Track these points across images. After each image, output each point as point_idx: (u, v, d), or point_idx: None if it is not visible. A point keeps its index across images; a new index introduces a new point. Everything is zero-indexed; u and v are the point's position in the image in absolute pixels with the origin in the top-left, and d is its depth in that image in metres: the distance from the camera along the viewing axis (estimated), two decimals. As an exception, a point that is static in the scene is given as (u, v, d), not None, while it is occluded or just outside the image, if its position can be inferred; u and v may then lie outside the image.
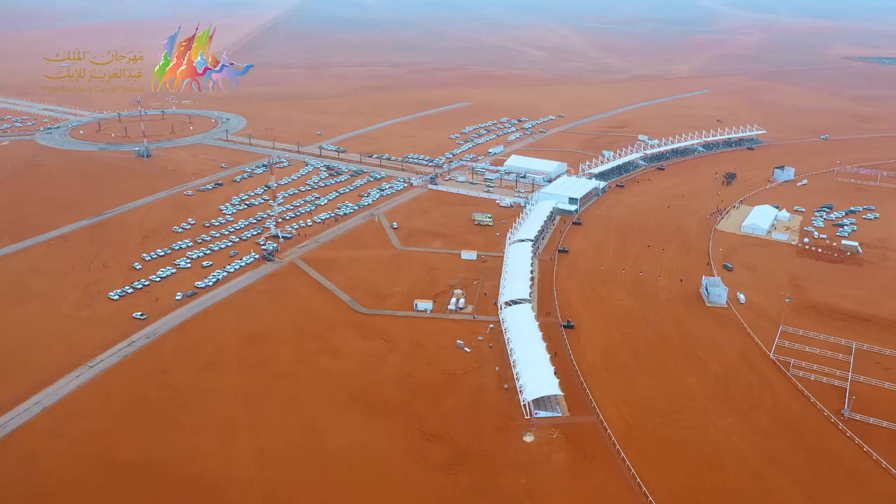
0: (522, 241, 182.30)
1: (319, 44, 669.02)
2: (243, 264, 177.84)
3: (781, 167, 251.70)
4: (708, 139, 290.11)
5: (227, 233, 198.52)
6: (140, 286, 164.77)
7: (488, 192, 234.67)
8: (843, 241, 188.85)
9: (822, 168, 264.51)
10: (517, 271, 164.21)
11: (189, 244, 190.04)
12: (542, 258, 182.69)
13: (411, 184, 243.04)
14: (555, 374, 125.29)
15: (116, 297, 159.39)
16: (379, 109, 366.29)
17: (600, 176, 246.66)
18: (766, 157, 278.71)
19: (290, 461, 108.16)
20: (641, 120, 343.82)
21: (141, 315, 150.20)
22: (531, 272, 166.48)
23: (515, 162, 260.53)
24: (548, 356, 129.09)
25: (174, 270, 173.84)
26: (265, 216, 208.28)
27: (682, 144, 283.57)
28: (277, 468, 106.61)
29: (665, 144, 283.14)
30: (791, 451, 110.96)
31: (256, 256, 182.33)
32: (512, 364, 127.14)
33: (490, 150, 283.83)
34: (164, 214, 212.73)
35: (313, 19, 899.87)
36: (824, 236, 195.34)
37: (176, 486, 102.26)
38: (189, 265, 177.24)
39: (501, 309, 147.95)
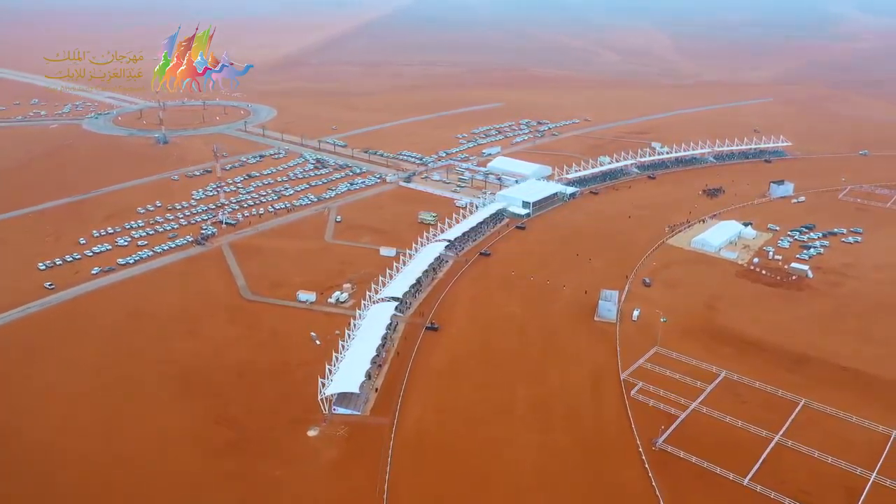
0: (439, 241, 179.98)
1: (399, 42, 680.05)
2: (173, 246, 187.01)
3: (780, 182, 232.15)
4: (720, 149, 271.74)
5: (181, 216, 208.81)
6: (70, 259, 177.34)
7: (455, 191, 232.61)
8: (792, 265, 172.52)
9: (839, 185, 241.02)
10: (411, 270, 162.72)
11: (140, 224, 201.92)
12: (459, 259, 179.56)
13: (384, 180, 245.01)
14: (367, 373, 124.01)
15: (44, 267, 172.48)
16: (408, 107, 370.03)
17: (579, 181, 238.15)
18: (780, 170, 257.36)
19: (93, 433, 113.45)
20: (672, 126, 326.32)
21: (50, 285, 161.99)
22: (425, 273, 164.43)
23: (500, 164, 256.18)
24: (372, 355, 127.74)
25: (109, 247, 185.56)
26: (223, 203, 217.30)
27: (686, 153, 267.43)
28: (81, 438, 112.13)
29: (672, 152, 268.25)
30: (575, 476, 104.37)
31: (190, 239, 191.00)
32: (336, 360, 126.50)
33: (484, 151, 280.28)
34: (141, 196, 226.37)
35: (411, 19, 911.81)
36: (779, 257, 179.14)
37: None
38: (127, 243, 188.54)
39: (366, 306, 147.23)
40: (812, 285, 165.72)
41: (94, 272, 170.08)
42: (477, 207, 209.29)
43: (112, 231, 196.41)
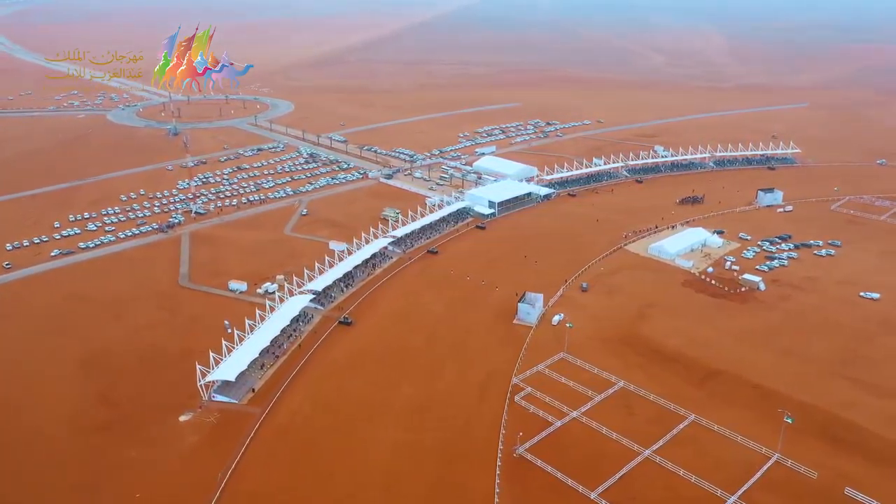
0: (387, 237, 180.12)
1: (446, 42, 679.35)
2: (137, 232, 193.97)
3: (770, 190, 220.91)
4: (721, 154, 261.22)
5: (157, 205, 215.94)
6: (38, 241, 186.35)
7: (431, 189, 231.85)
8: (745, 276, 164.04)
9: (837, 195, 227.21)
10: (344, 265, 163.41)
11: (117, 211, 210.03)
12: (405, 256, 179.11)
13: (367, 176, 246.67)
14: (260, 363, 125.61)
15: (10, 248, 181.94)
16: (425, 105, 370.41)
17: (561, 183, 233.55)
18: (783, 178, 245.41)
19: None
20: (688, 130, 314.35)
21: (7, 265, 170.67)
22: (360, 268, 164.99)
23: (485, 163, 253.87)
24: (264, 346, 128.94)
25: (79, 231, 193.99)
26: (196, 194, 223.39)
27: (684, 158, 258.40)
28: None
29: (669, 156, 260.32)
30: (422, 478, 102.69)
31: (156, 226, 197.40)
32: (225, 348, 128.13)
33: (477, 150, 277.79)
34: (131, 184, 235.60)
35: (467, 19, 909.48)
36: (737, 268, 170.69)
37: None
38: (96, 228, 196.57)
39: (280, 297, 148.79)
40: (760, 298, 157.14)
41: (53, 254, 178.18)
42: (438, 206, 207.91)
43: (88, 216, 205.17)
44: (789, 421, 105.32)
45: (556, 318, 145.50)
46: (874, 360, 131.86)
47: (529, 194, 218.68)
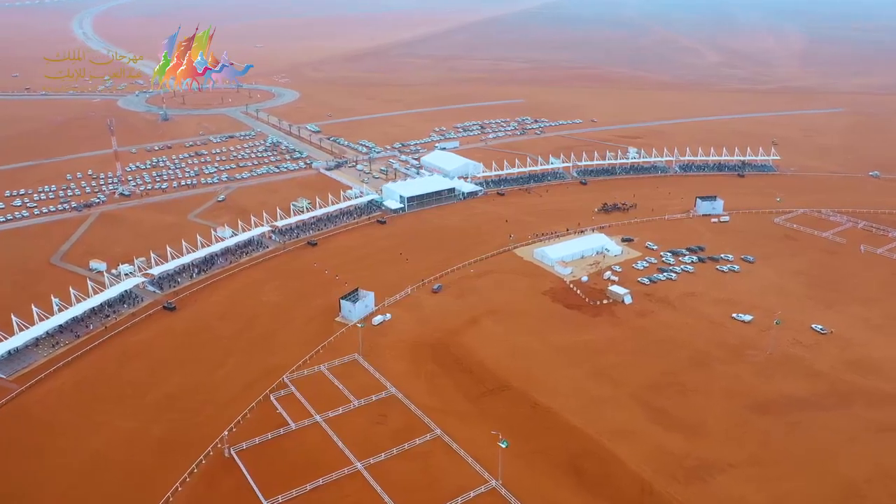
0: (266, 226, 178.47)
1: (501, 39, 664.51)
2: (54, 210, 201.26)
3: (712, 198, 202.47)
4: (687, 159, 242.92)
5: (92, 184, 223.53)
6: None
7: (364, 182, 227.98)
8: (611, 288, 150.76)
9: (794, 207, 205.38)
10: (202, 251, 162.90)
11: (53, 188, 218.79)
12: (280, 247, 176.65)
13: (310, 166, 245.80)
14: (49, 341, 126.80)
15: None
16: (423, 99, 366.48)
17: (496, 181, 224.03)
18: (745, 186, 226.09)
19: None
20: (685, 132, 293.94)
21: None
22: (223, 255, 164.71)
23: (432, 158, 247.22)
24: (56, 325, 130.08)
25: (2, 206, 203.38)
26: (126, 179, 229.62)
27: (646, 161, 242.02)
28: None
29: (633, 159, 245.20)
30: (119, 468, 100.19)
31: (74, 205, 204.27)
32: (19, 326, 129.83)
33: (437, 146, 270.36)
34: (86, 164, 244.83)
35: (544, 16, 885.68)
36: (615, 278, 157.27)
37: None
38: (20, 205, 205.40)
39: (114, 280, 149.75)
40: (617, 312, 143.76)
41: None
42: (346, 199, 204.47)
43: (23, 192, 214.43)
44: (503, 445, 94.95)
45: (378, 319, 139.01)
46: (689, 388, 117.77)
47: (452, 191, 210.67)
